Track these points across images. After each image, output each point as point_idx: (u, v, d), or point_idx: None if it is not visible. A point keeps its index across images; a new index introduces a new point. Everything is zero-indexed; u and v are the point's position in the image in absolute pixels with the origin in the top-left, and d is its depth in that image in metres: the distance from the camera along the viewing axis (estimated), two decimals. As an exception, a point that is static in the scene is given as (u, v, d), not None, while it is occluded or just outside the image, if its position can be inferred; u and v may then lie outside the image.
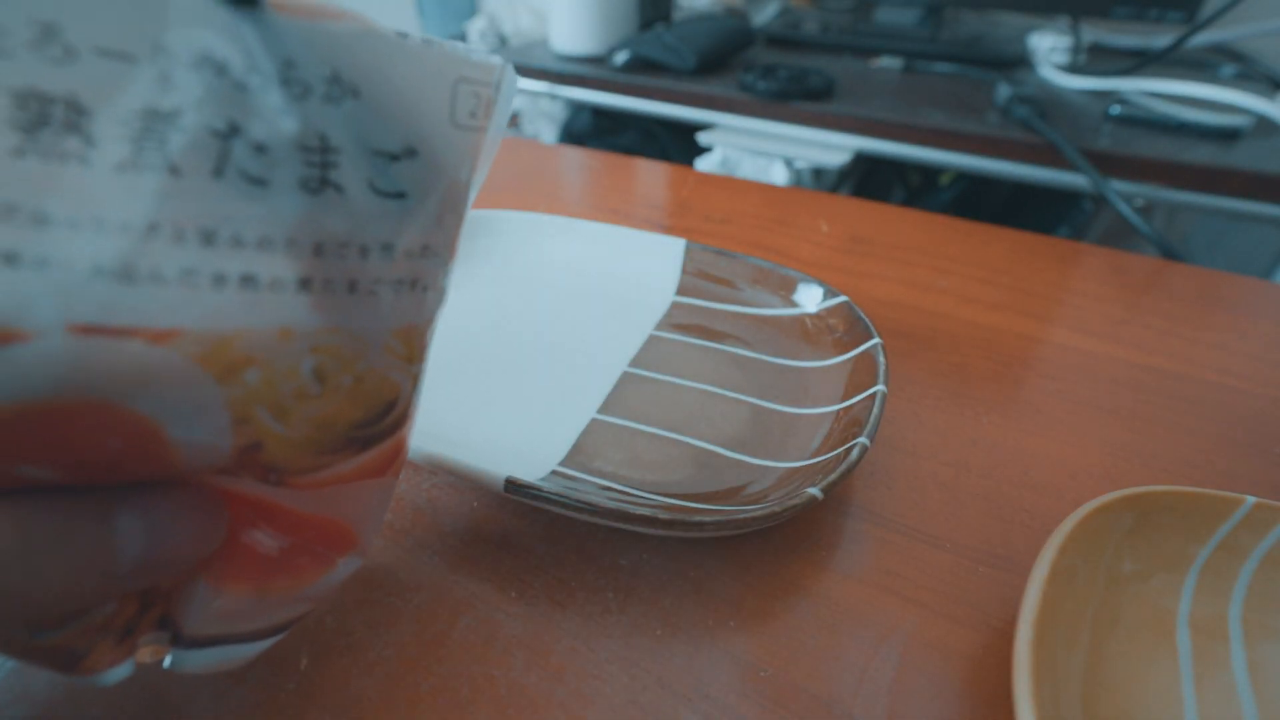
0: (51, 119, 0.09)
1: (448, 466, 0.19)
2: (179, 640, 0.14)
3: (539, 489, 0.18)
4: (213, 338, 0.10)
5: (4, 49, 0.08)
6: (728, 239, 0.38)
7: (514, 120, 0.95)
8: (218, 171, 0.10)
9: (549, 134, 0.93)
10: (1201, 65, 0.73)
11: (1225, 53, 0.76)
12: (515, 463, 0.22)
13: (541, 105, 0.92)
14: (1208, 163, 0.52)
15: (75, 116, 0.09)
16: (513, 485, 0.18)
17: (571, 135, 0.87)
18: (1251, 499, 0.18)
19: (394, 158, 0.11)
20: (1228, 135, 0.56)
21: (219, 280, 0.10)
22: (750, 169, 0.68)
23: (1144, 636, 0.17)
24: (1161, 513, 0.18)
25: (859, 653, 0.18)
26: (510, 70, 0.13)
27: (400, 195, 0.11)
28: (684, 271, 0.31)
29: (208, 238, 0.10)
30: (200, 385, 0.10)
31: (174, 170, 0.09)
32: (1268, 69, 0.69)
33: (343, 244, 0.11)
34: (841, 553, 0.20)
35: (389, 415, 0.13)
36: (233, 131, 0.10)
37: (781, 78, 0.66)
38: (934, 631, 0.18)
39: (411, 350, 0.13)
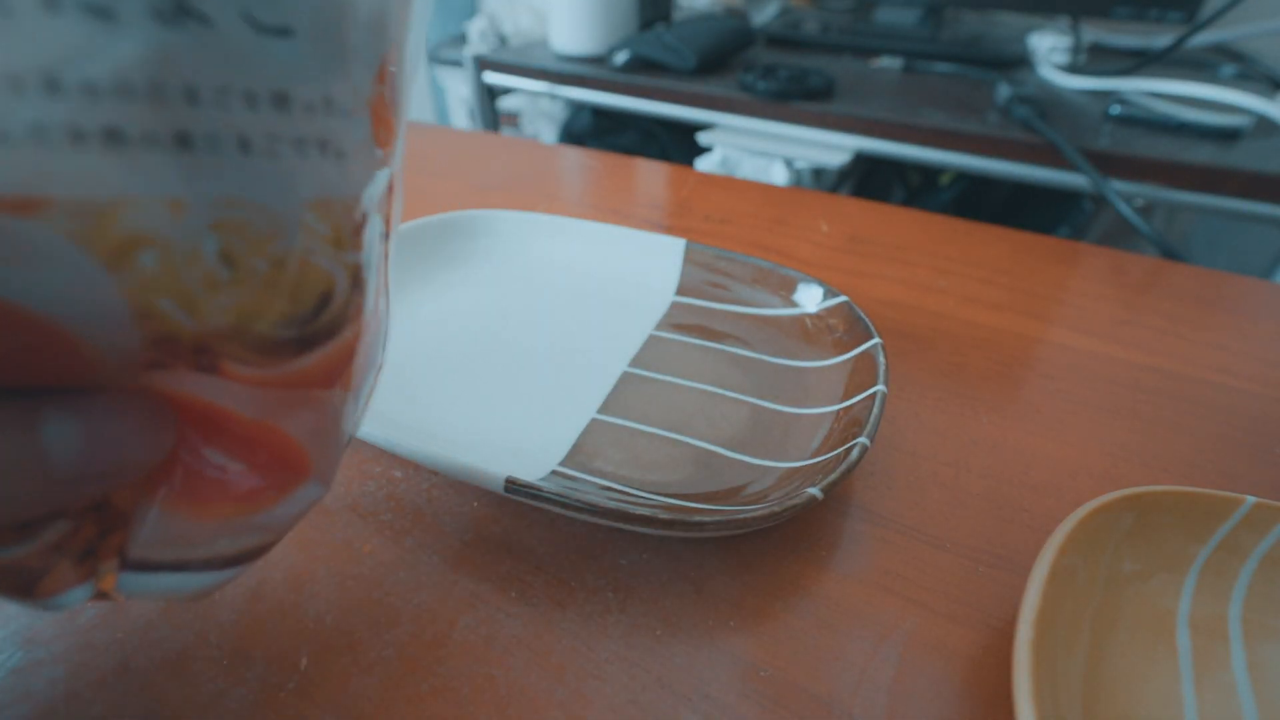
0: None
1: (448, 466, 0.19)
2: (125, 562, 0.13)
3: (539, 489, 0.18)
4: (88, 208, 0.09)
5: None
6: (728, 239, 0.38)
7: (514, 120, 0.95)
8: (51, 3, 0.08)
9: (549, 134, 0.93)
10: (1201, 65, 0.73)
11: (1225, 53, 0.76)
12: (515, 463, 0.22)
13: (541, 105, 0.92)
14: (1208, 163, 0.52)
15: None
16: (513, 485, 0.18)
17: (571, 135, 0.87)
18: (1251, 499, 0.18)
19: None
20: (1228, 135, 0.56)
21: (77, 136, 0.09)
22: (750, 169, 0.68)
23: (1144, 636, 0.17)
24: (1161, 513, 0.18)
25: (859, 653, 0.18)
26: None
27: (286, 31, 0.10)
28: (684, 271, 0.31)
29: (51, 84, 0.08)
30: (84, 269, 0.09)
31: (3, 7, 0.08)
32: (1268, 69, 0.69)
33: (220, 89, 0.09)
34: (841, 553, 0.20)
35: (324, 311, 0.12)
36: None
37: (781, 78, 0.66)
38: (934, 631, 0.18)
39: (338, 232, 0.11)
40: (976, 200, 0.79)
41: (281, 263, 0.11)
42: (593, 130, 0.85)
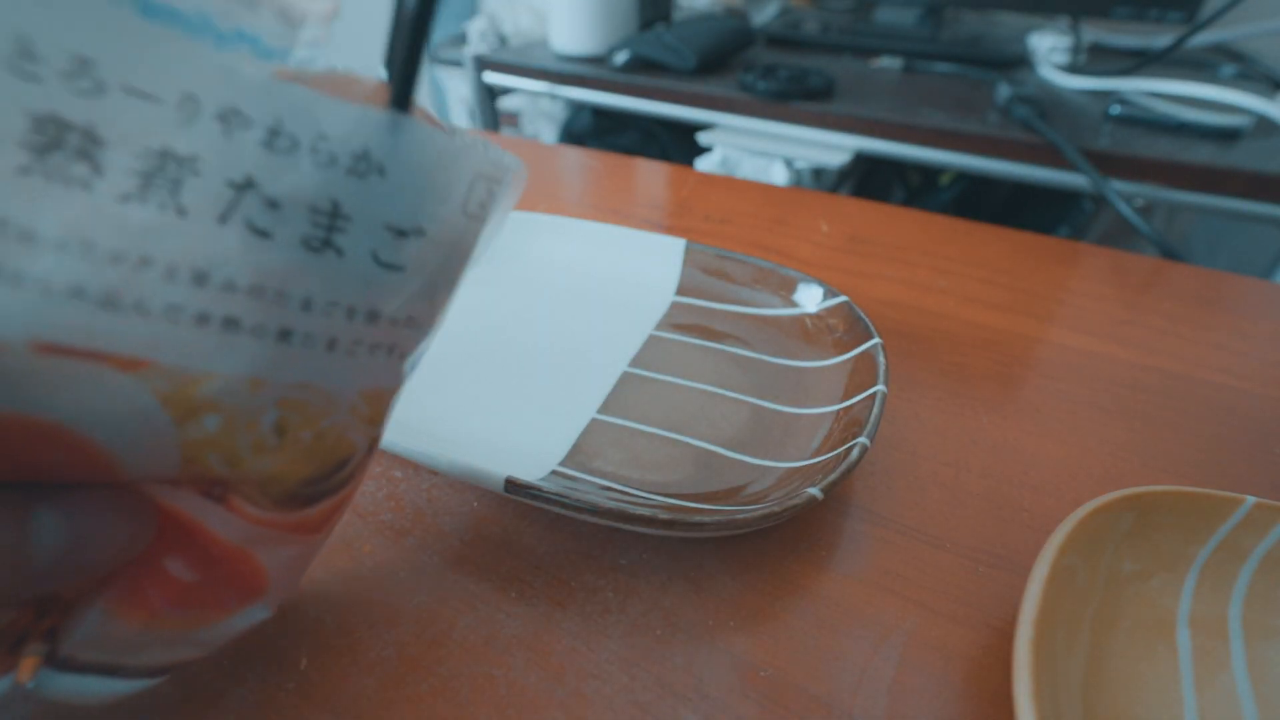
0: (65, 144, 0.09)
1: (448, 466, 0.19)
2: (52, 659, 0.13)
3: (539, 489, 0.18)
4: (180, 375, 0.10)
5: (36, 74, 0.09)
6: (728, 239, 0.38)
7: (514, 120, 0.95)
8: (223, 218, 0.10)
9: (549, 134, 0.93)
10: (1201, 65, 0.73)
11: (1225, 53, 0.76)
12: (515, 463, 0.22)
13: (541, 105, 0.92)
14: (1208, 163, 0.52)
15: (89, 145, 0.09)
16: (513, 485, 0.18)
17: (571, 135, 0.87)
18: (1251, 499, 0.18)
19: (402, 234, 0.12)
20: (1228, 135, 0.56)
21: (202, 319, 0.10)
22: (750, 169, 0.68)
23: (1144, 636, 0.17)
24: (1161, 513, 0.18)
25: (859, 653, 0.18)
26: (521, 169, 0.13)
27: (399, 268, 0.12)
28: (684, 271, 0.31)
29: (200, 278, 0.10)
30: (155, 420, 0.10)
31: (180, 211, 0.10)
32: (1268, 69, 0.69)
33: (331, 303, 0.11)
34: (841, 553, 0.20)
35: (339, 473, 0.13)
36: (248, 185, 0.10)
37: (781, 78, 0.66)
38: (934, 631, 0.18)
39: (375, 412, 0.13)
40: (976, 200, 0.79)
41: (323, 435, 0.12)
42: (593, 130, 0.85)
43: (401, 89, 0.11)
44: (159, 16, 0.09)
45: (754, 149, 0.67)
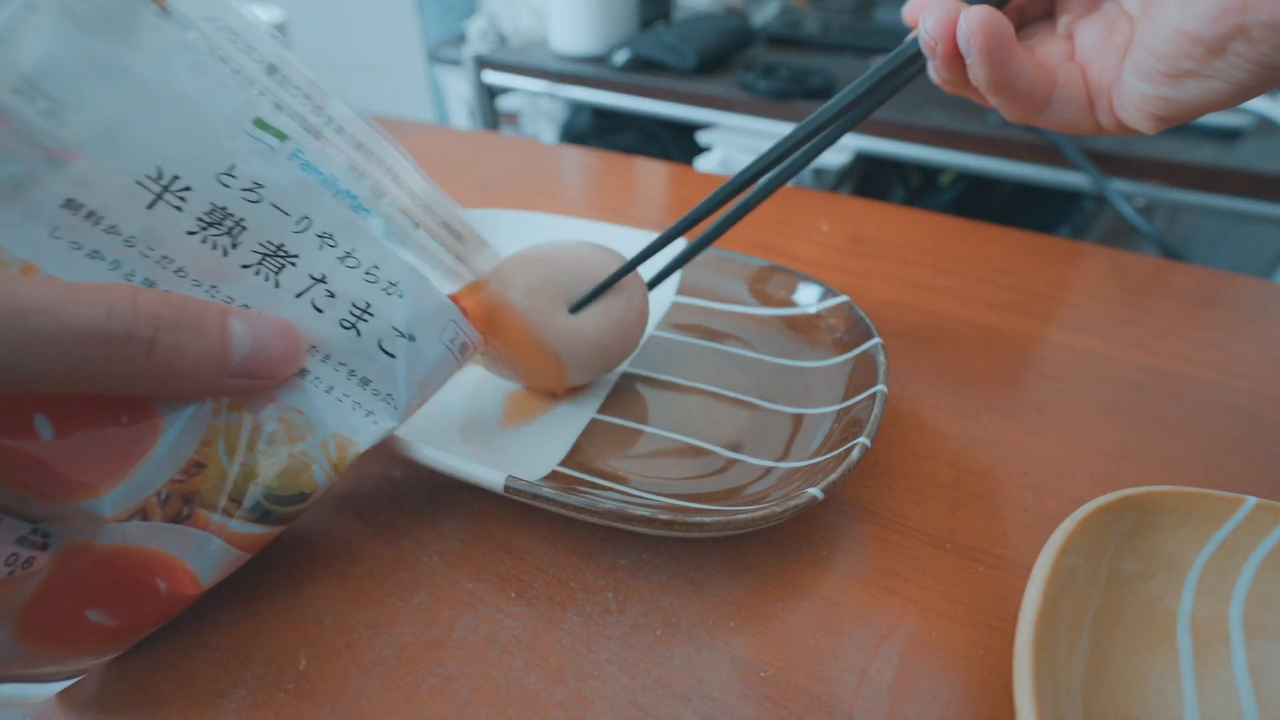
0: (222, 224, 0.15)
1: (447, 466, 0.19)
2: None
3: (539, 489, 0.18)
4: None
5: (228, 184, 0.15)
6: (728, 239, 0.38)
7: (514, 120, 0.95)
8: (300, 295, 0.17)
9: (549, 134, 0.93)
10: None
11: (1226, 52, 0.76)
12: (515, 463, 0.22)
13: (541, 105, 0.92)
14: (1208, 162, 0.52)
15: (236, 229, 0.15)
16: (513, 485, 0.18)
17: (571, 135, 0.87)
18: (1253, 499, 0.18)
19: (401, 335, 0.18)
20: (1228, 135, 0.56)
21: None
22: (750, 169, 0.68)
23: (1144, 636, 0.17)
24: (1162, 513, 0.18)
25: (859, 653, 0.18)
26: (479, 340, 0.20)
27: (392, 355, 0.18)
28: (684, 271, 0.31)
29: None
30: (204, 406, 0.16)
31: (277, 285, 0.16)
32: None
33: (342, 363, 0.17)
34: (841, 553, 0.20)
35: (297, 504, 0.17)
36: (321, 280, 0.17)
37: (781, 77, 0.66)
38: (934, 631, 0.18)
39: (340, 461, 0.17)
40: (977, 200, 0.79)
41: (295, 457, 0.17)
42: (593, 130, 0.85)
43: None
44: (307, 170, 0.16)
45: (754, 149, 0.67)
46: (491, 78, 0.84)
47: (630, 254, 0.24)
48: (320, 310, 0.17)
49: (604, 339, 0.23)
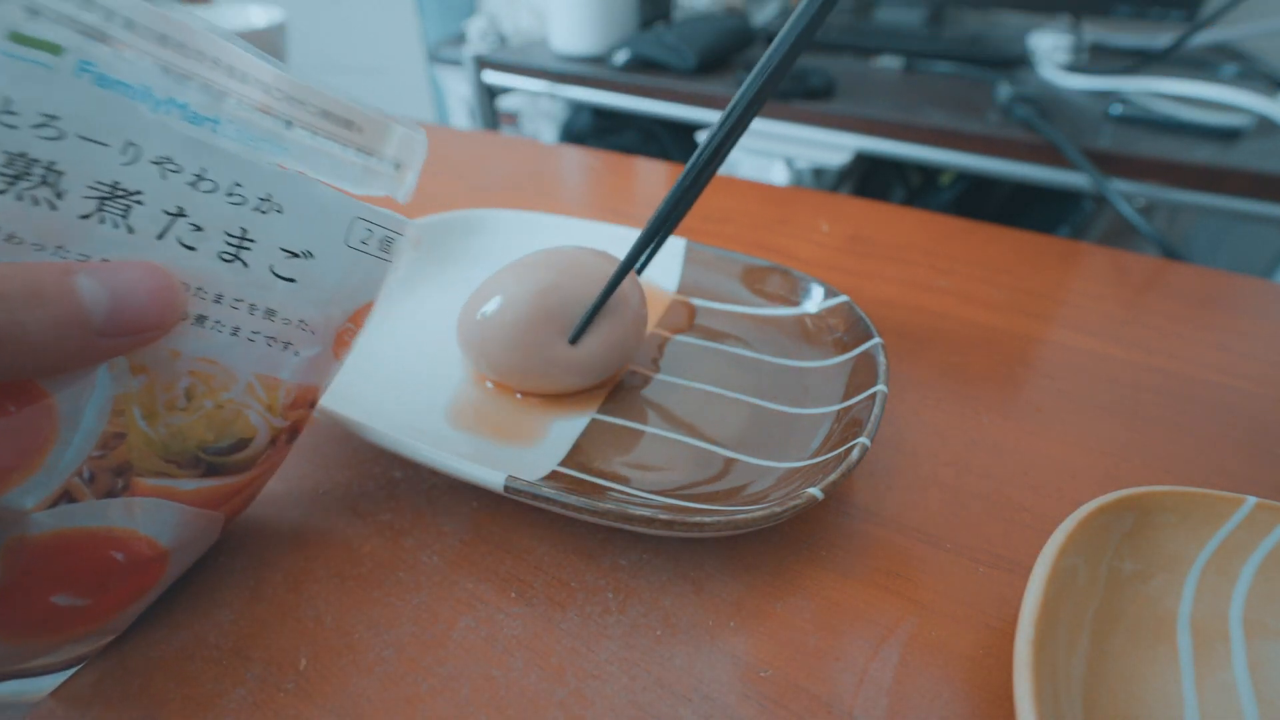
0: (32, 174, 0.13)
1: (448, 466, 0.19)
2: None
3: (539, 489, 0.18)
4: None
5: (13, 124, 0.12)
6: (728, 239, 0.38)
7: (514, 120, 0.95)
8: (161, 235, 0.14)
9: (549, 134, 0.93)
10: (1202, 65, 0.73)
11: (1226, 52, 0.76)
12: (515, 463, 0.22)
13: (541, 105, 0.92)
14: (1208, 162, 0.52)
15: (52, 176, 0.13)
16: (513, 485, 0.18)
17: (571, 135, 0.87)
18: (1253, 499, 0.18)
19: (294, 255, 0.16)
20: (1228, 135, 0.56)
21: None
22: (750, 169, 0.68)
23: (1144, 636, 0.17)
24: (1162, 513, 0.18)
25: (859, 653, 0.18)
26: (407, 226, 0.17)
27: (291, 280, 0.16)
28: (684, 271, 0.31)
29: None
30: (100, 378, 0.14)
31: (130, 230, 0.14)
32: (1268, 69, 0.69)
33: (237, 299, 0.15)
34: (841, 553, 0.20)
35: (240, 451, 0.16)
36: (179, 213, 0.14)
37: (782, 77, 0.66)
38: (934, 631, 0.18)
39: (273, 400, 0.16)
40: (977, 200, 0.79)
41: (222, 406, 0.16)
42: (593, 130, 0.85)
43: None
44: (107, 85, 0.13)
45: (754, 149, 0.67)
46: (491, 78, 0.84)
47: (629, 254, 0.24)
48: (192, 248, 0.15)
49: (608, 356, 0.24)
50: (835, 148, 0.64)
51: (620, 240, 0.32)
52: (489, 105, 0.88)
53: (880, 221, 0.41)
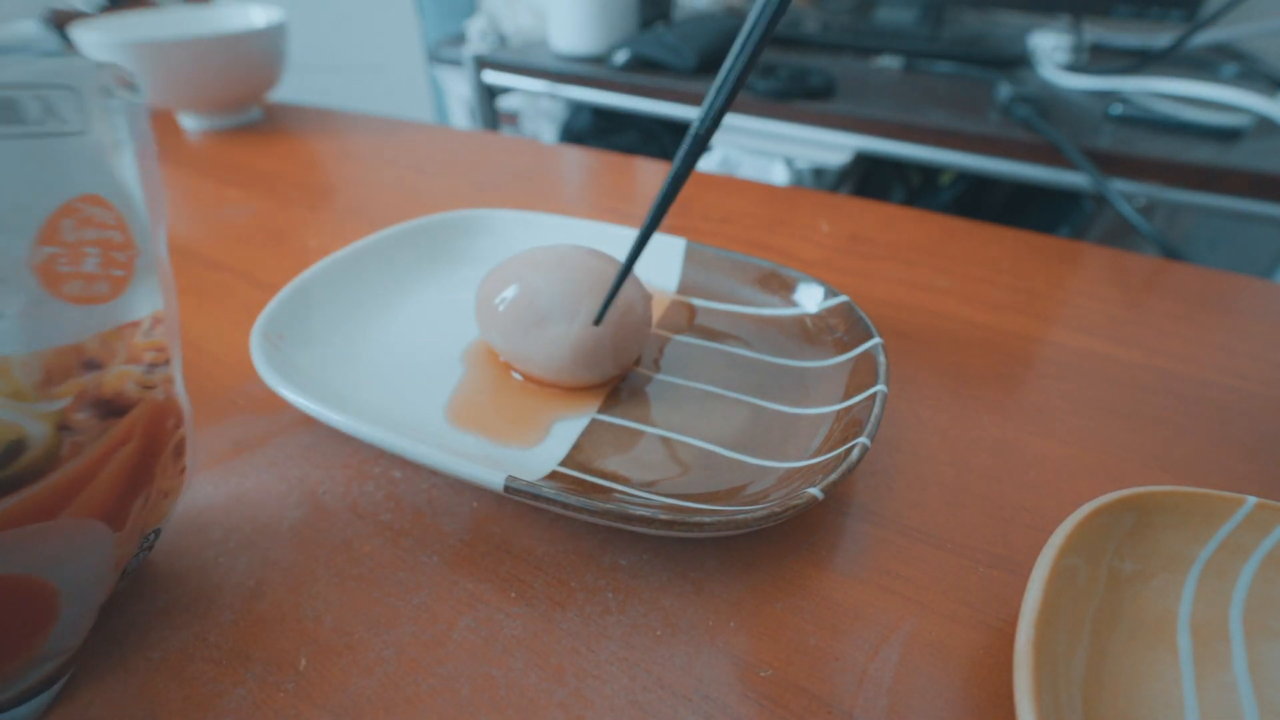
0: None
1: (448, 466, 0.19)
2: None
3: (539, 489, 0.18)
4: None
5: None
6: (728, 239, 0.38)
7: (514, 119, 0.95)
8: None
9: (549, 133, 0.93)
10: (1202, 65, 0.73)
11: (1226, 52, 0.76)
12: (515, 463, 0.22)
13: (541, 105, 0.92)
14: (1209, 162, 0.52)
15: None
16: (513, 485, 0.18)
17: (571, 135, 0.87)
18: (1253, 499, 0.18)
19: None
20: (1228, 135, 0.56)
21: None
22: (750, 169, 0.68)
23: (1145, 637, 0.17)
24: (1162, 513, 0.18)
25: (859, 653, 0.18)
26: (83, 67, 0.13)
27: None
28: (684, 271, 0.31)
29: None
30: None
31: None
32: (1268, 69, 0.69)
33: None
34: (841, 553, 0.20)
35: (19, 459, 0.13)
36: None
37: (782, 77, 0.66)
38: (934, 631, 0.18)
39: (16, 386, 0.12)
40: (977, 200, 0.79)
41: None
42: (593, 130, 0.85)
43: None
44: None
45: (754, 148, 0.67)
46: (491, 78, 0.84)
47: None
48: None
49: (626, 343, 0.24)
50: (835, 148, 0.64)
51: (620, 240, 0.32)
52: (489, 105, 0.88)
53: (880, 221, 0.41)
